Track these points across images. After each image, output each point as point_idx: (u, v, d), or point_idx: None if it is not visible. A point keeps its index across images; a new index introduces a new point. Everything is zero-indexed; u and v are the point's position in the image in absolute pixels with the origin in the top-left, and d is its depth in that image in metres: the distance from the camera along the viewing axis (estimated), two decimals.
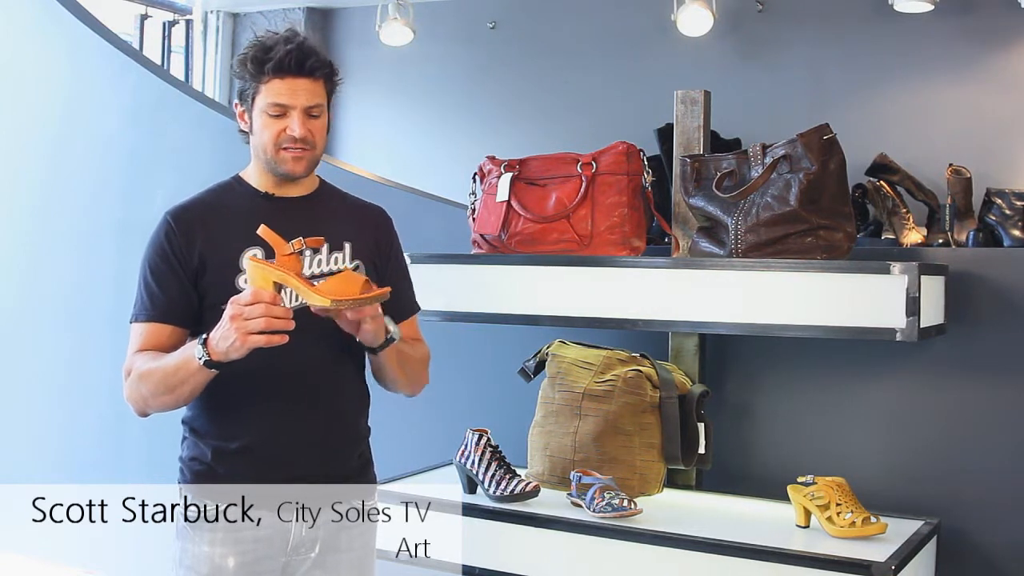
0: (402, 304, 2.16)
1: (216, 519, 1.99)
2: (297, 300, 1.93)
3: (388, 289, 1.89)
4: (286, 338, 1.83)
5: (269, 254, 1.96)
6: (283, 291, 1.88)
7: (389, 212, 2.22)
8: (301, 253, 1.90)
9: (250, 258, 1.90)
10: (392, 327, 1.99)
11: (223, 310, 1.87)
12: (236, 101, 2.05)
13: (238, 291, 1.95)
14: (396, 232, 2.20)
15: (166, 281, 1.99)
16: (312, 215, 2.06)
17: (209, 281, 1.99)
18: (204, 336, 1.87)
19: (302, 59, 1.96)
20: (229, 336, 1.82)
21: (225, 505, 2.00)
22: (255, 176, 2.08)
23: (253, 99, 2.00)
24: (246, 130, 2.05)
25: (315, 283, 1.86)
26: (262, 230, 1.88)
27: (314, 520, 2.03)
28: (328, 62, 2.02)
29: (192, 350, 1.88)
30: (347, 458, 2.09)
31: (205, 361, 1.86)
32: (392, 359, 2.04)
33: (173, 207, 2.05)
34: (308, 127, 1.99)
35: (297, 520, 2.02)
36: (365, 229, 2.12)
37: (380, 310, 1.94)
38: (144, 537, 3.75)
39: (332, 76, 2.04)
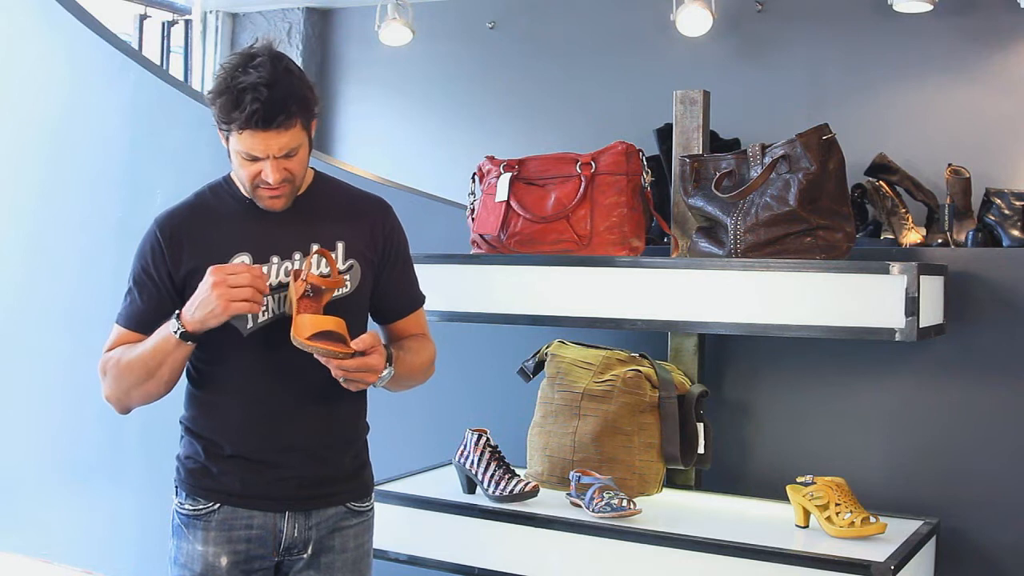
0: (405, 299, 2.15)
1: (210, 518, 2.00)
2: (280, 309, 2.00)
3: (352, 351, 1.88)
4: (263, 301, 1.88)
5: (258, 260, 1.99)
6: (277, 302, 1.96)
7: None
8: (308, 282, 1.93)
9: (292, 274, 1.95)
10: (384, 372, 1.96)
11: None
12: (215, 123, 1.94)
13: None
14: (398, 223, 2.14)
15: (146, 293, 2.00)
16: (302, 216, 2.03)
17: (196, 288, 1.97)
18: (177, 312, 1.90)
19: (270, 118, 1.84)
20: (210, 303, 1.85)
21: (218, 504, 2.00)
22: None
23: (227, 136, 1.92)
24: (227, 155, 1.98)
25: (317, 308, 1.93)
26: (317, 251, 1.95)
27: (307, 521, 2.03)
28: (301, 105, 1.89)
29: (166, 329, 1.91)
30: (341, 459, 2.08)
31: (181, 333, 1.88)
32: (390, 385, 2.04)
33: (162, 215, 2.04)
34: (284, 167, 1.92)
35: (289, 520, 2.02)
36: (360, 225, 2.07)
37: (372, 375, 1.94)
38: (144, 537, 3.76)
39: (308, 113, 1.92)
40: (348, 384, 1.93)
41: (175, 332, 1.89)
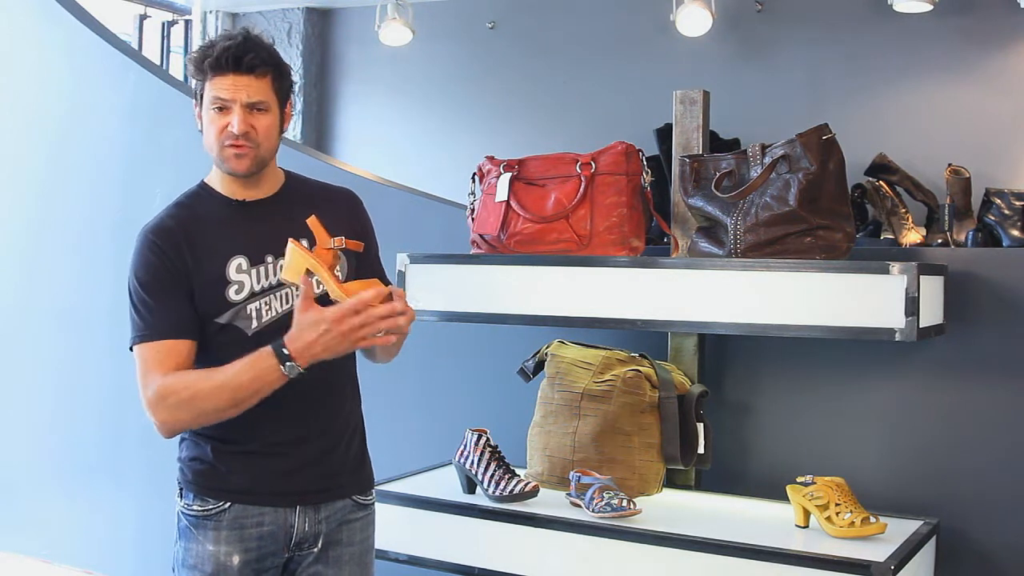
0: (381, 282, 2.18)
1: (220, 517, 2.00)
2: (284, 307, 2.00)
3: (407, 308, 1.94)
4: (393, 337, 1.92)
5: (254, 261, 2.00)
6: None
7: (388, 212, 2.22)
8: (338, 250, 1.96)
9: (292, 241, 1.93)
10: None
11: (217, 323, 1.94)
12: (194, 102, 2.05)
13: (229, 303, 1.97)
14: (367, 212, 2.21)
15: (165, 296, 1.97)
16: (285, 215, 2.05)
17: (198, 296, 1.99)
18: (286, 351, 1.87)
19: (240, 55, 1.95)
20: (337, 347, 1.87)
21: (229, 503, 2.00)
22: (219, 182, 2.07)
23: (202, 97, 2.00)
24: (200, 130, 2.04)
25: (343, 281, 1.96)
26: (311, 220, 1.94)
27: (317, 514, 2.05)
28: (271, 58, 2.00)
29: (270, 365, 1.88)
30: (347, 451, 2.11)
31: (299, 373, 1.89)
32: (385, 349, 2.11)
33: (150, 225, 2.03)
34: (250, 123, 1.97)
35: (300, 515, 2.03)
36: (338, 216, 2.11)
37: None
38: (144, 537, 3.76)
39: (279, 73, 2.02)
40: (392, 341, 1.99)
41: (291, 375, 1.88)
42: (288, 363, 1.87)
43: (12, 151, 4.06)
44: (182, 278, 1.99)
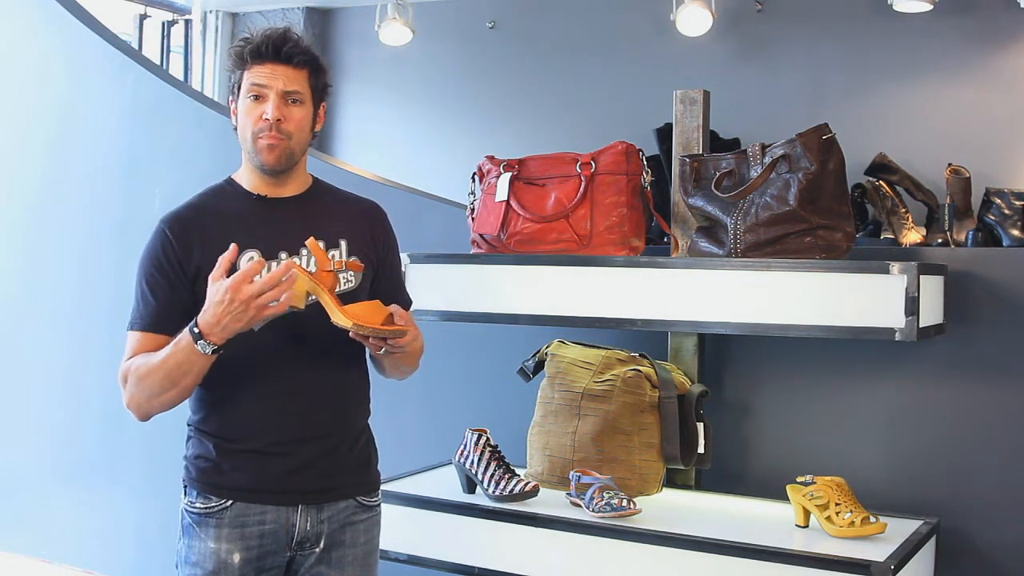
0: (399, 300, 2.17)
1: (222, 515, 2.00)
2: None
3: (408, 328, 1.96)
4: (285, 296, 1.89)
5: (267, 256, 2.00)
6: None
7: (388, 212, 2.22)
8: (337, 272, 1.98)
9: (292, 264, 1.92)
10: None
11: None
12: (230, 97, 2.08)
13: None
14: (391, 226, 2.21)
15: (160, 291, 2.01)
16: (306, 215, 2.06)
17: (205, 288, 1.99)
18: (196, 330, 1.87)
19: (280, 44, 2.01)
20: (243, 316, 1.85)
21: (231, 501, 2.01)
22: (246, 177, 2.09)
23: (239, 88, 2.04)
24: (235, 125, 2.07)
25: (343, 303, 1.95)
26: (310, 242, 1.94)
27: (319, 514, 2.05)
28: (309, 52, 2.04)
29: (188, 344, 1.89)
30: (351, 450, 2.10)
31: (213, 350, 1.89)
32: (392, 358, 2.08)
33: (168, 214, 2.06)
34: (284, 112, 2.00)
35: (302, 515, 2.03)
36: (361, 225, 2.13)
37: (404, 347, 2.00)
38: (144, 537, 3.77)
39: (316, 68, 2.06)
40: (389, 355, 2.01)
41: (205, 352, 1.88)
42: (200, 342, 1.88)
43: (12, 150, 4.06)
44: (187, 271, 2.00)
